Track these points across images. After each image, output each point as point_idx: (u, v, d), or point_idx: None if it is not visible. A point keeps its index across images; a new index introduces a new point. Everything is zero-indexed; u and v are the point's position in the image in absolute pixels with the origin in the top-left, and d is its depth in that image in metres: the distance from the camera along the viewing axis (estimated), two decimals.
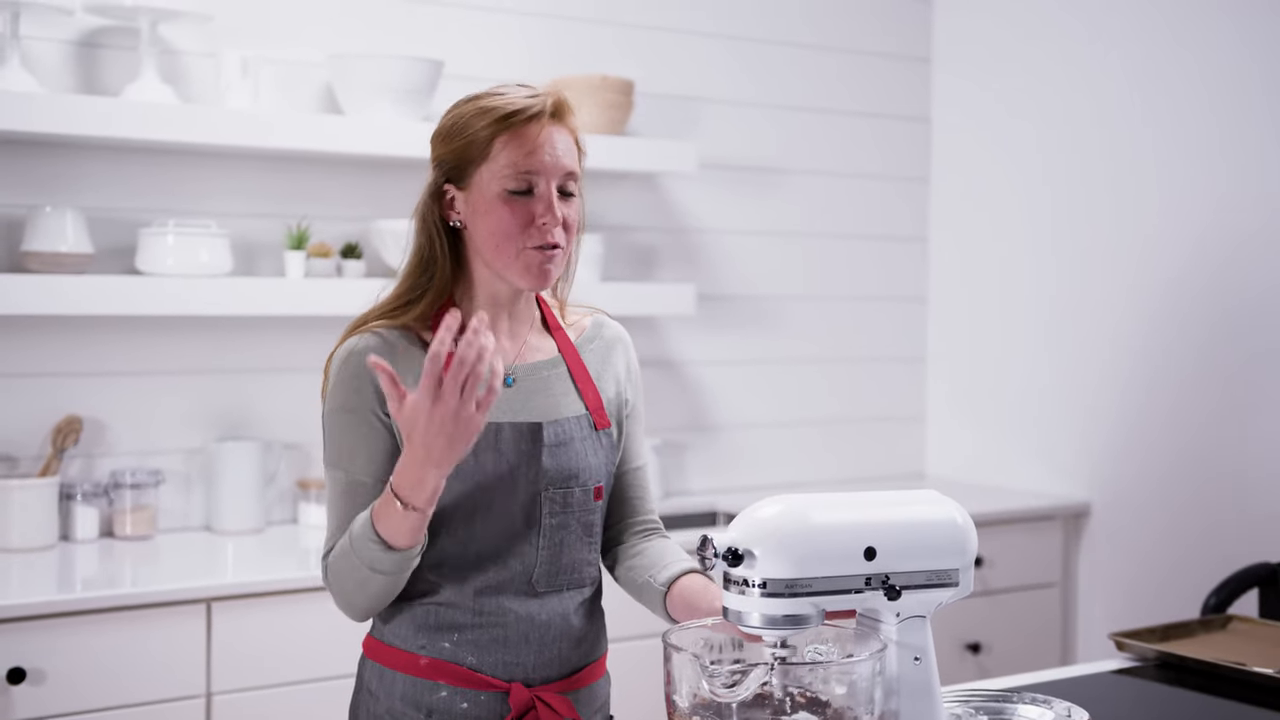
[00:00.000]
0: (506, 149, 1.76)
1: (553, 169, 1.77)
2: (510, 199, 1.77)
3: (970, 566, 1.62)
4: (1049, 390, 3.94)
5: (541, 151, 1.76)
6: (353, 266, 3.26)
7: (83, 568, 2.84)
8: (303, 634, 2.75)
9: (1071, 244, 3.86)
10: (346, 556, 1.73)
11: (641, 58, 3.76)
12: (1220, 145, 3.50)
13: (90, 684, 2.57)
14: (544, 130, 1.77)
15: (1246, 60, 3.45)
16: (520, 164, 1.76)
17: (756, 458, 3.99)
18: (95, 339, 3.10)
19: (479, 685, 1.78)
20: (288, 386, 3.30)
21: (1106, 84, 3.76)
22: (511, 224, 1.77)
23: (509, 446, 1.78)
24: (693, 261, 3.88)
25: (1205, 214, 3.53)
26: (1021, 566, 3.73)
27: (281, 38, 3.29)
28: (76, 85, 3.07)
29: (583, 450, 1.83)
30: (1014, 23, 4.02)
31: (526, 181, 1.77)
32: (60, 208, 2.94)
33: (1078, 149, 3.84)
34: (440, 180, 1.83)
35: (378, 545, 1.69)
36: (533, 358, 1.87)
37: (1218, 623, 2.44)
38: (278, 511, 3.29)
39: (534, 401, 1.83)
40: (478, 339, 1.59)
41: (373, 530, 1.69)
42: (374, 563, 1.70)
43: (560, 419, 1.83)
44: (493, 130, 1.76)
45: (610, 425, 1.88)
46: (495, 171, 1.77)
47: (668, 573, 1.85)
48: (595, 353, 1.93)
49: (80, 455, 3.08)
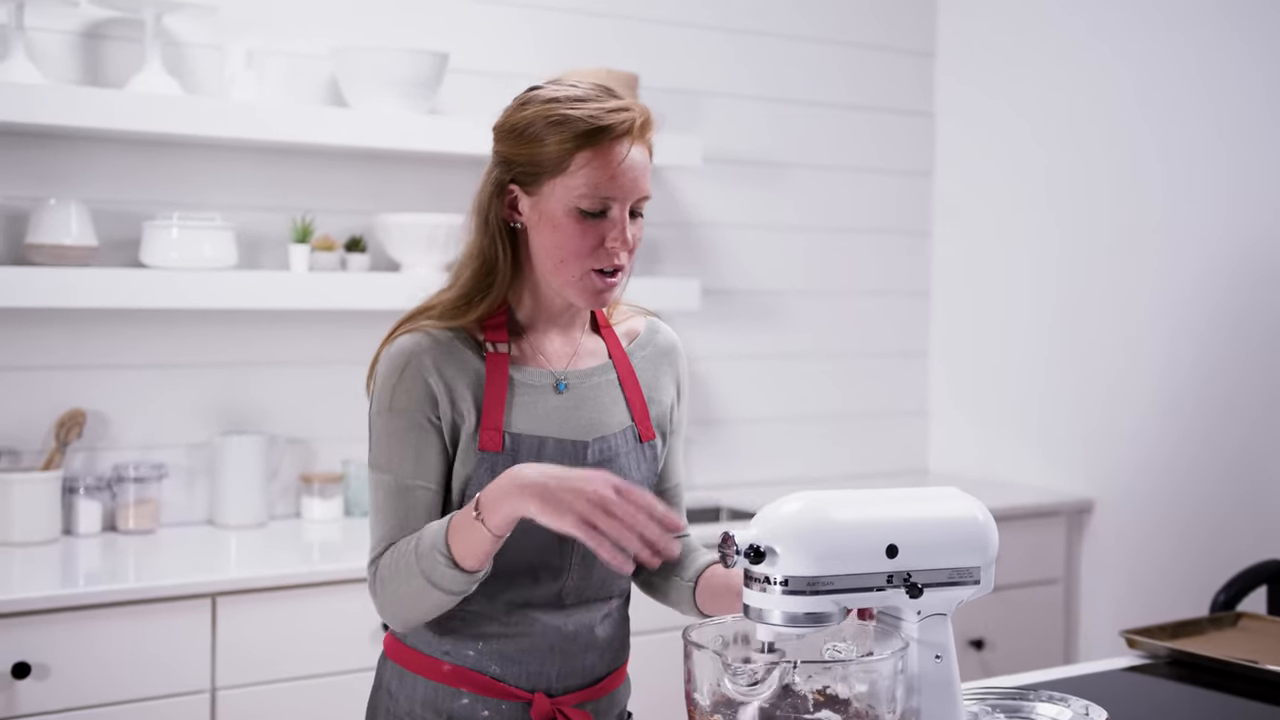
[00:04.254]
0: (587, 168, 1.68)
1: (630, 193, 1.71)
2: (582, 218, 1.69)
3: (991, 564, 1.62)
4: (1052, 385, 3.93)
5: (623, 176, 1.69)
6: (357, 260, 3.25)
7: (86, 562, 2.83)
8: (307, 629, 2.74)
9: (1074, 239, 3.86)
10: (406, 566, 1.66)
11: (646, 51, 3.74)
12: (1225, 141, 3.49)
13: (94, 679, 2.55)
14: (627, 151, 1.69)
15: (1251, 56, 3.44)
16: (600, 187, 1.68)
17: (760, 452, 3.98)
18: (99, 332, 3.08)
19: (501, 694, 1.76)
20: (292, 380, 3.29)
21: (1110, 79, 3.76)
22: (581, 245, 1.70)
23: (552, 462, 1.73)
24: (697, 256, 3.87)
25: (1210, 208, 3.52)
26: (1025, 563, 3.73)
27: (286, 30, 3.27)
28: (81, 77, 3.05)
29: (626, 465, 1.79)
30: (1018, 18, 4.01)
31: (603, 204, 1.69)
32: (64, 200, 2.93)
33: (1080, 143, 3.84)
34: (505, 179, 1.75)
35: (445, 561, 1.63)
36: (585, 363, 1.82)
37: (1228, 620, 2.44)
38: (281, 506, 3.28)
39: (582, 412, 1.78)
40: (668, 549, 1.55)
41: (445, 544, 1.63)
42: (438, 579, 1.64)
43: (606, 435, 1.78)
44: (574, 145, 1.67)
45: (655, 437, 1.84)
46: (572, 188, 1.69)
47: (693, 569, 1.84)
48: (647, 360, 1.88)
49: (83, 449, 3.07)
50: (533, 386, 1.77)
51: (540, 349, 1.80)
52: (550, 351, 1.80)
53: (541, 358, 1.79)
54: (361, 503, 3.29)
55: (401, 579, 1.67)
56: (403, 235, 3.21)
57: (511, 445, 1.73)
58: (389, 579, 1.69)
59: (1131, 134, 3.71)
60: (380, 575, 1.71)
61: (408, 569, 1.66)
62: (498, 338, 1.77)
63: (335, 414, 3.32)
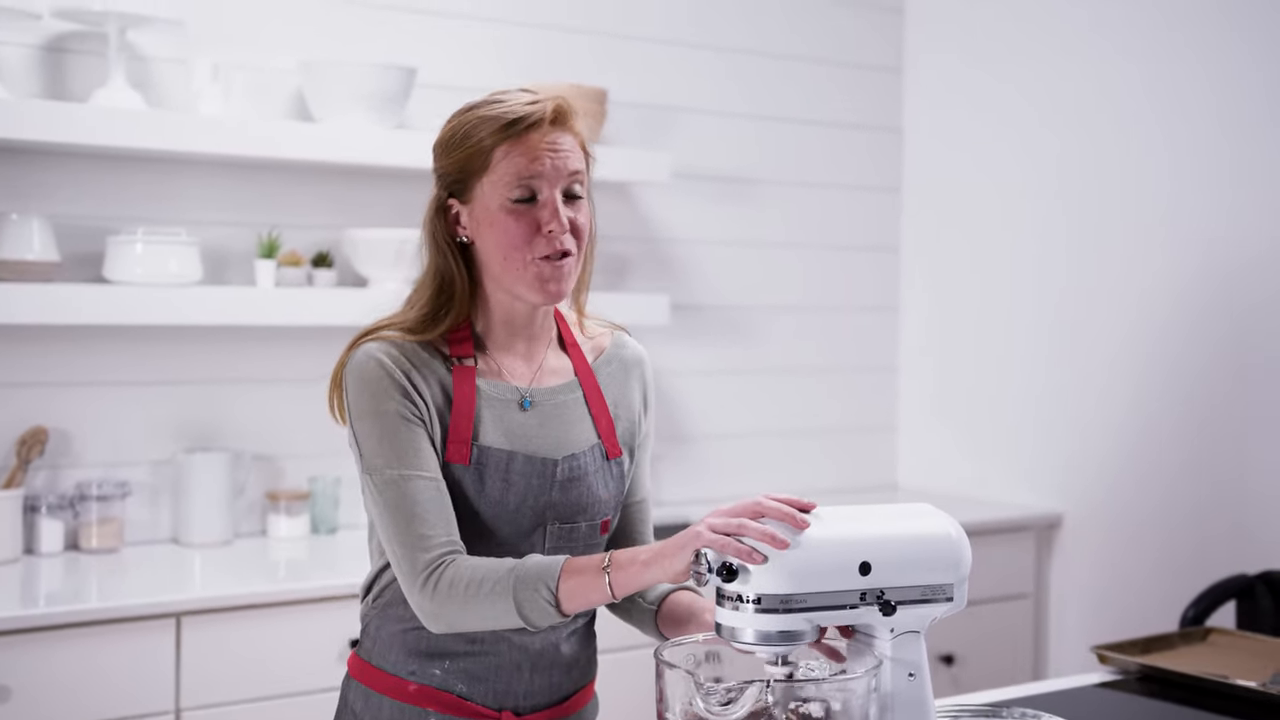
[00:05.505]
0: (507, 159, 1.70)
1: (555, 173, 1.71)
2: (514, 208, 1.71)
3: (964, 581, 1.61)
4: (1021, 400, 3.94)
5: (543, 157, 1.70)
6: (324, 275, 3.22)
7: (48, 582, 2.79)
8: (273, 648, 2.71)
9: (1041, 254, 3.87)
10: (496, 585, 1.60)
11: (615, 67, 3.74)
12: (1197, 155, 3.51)
13: (56, 701, 2.52)
14: (545, 136, 1.71)
15: (1242, 66, 3.46)
16: (522, 171, 1.70)
17: (730, 468, 3.97)
18: (62, 348, 3.05)
19: (468, 714, 1.74)
20: (258, 397, 3.26)
21: (1075, 94, 3.77)
22: (517, 234, 1.70)
23: (519, 478, 1.72)
24: (666, 271, 3.86)
25: (1182, 223, 3.54)
26: (994, 578, 3.73)
27: (252, 44, 3.25)
28: (44, 91, 3.02)
29: (594, 484, 1.77)
30: (985, 33, 4.02)
31: (529, 189, 1.70)
32: (26, 215, 2.89)
33: (1047, 158, 3.85)
34: (443, 195, 1.77)
35: (548, 598, 1.59)
36: (549, 380, 1.80)
37: (1197, 635, 2.44)
38: (246, 524, 3.25)
39: (549, 430, 1.76)
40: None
41: (555, 583, 1.59)
42: (530, 609, 1.59)
43: (574, 452, 1.76)
44: (493, 141, 1.70)
45: (622, 454, 1.82)
46: (496, 182, 1.71)
47: (657, 590, 1.82)
48: (613, 376, 1.86)
49: (45, 466, 3.03)
50: (500, 400, 1.75)
51: (504, 366, 1.78)
52: (514, 369, 1.79)
53: (506, 374, 1.78)
54: (329, 520, 3.26)
55: (485, 598, 1.61)
56: (370, 251, 3.19)
57: (479, 459, 1.71)
58: (464, 589, 1.62)
59: (1103, 148, 3.72)
60: (450, 580, 1.63)
61: (497, 589, 1.60)
62: (463, 352, 1.75)
63: (302, 430, 3.29)
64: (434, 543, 1.65)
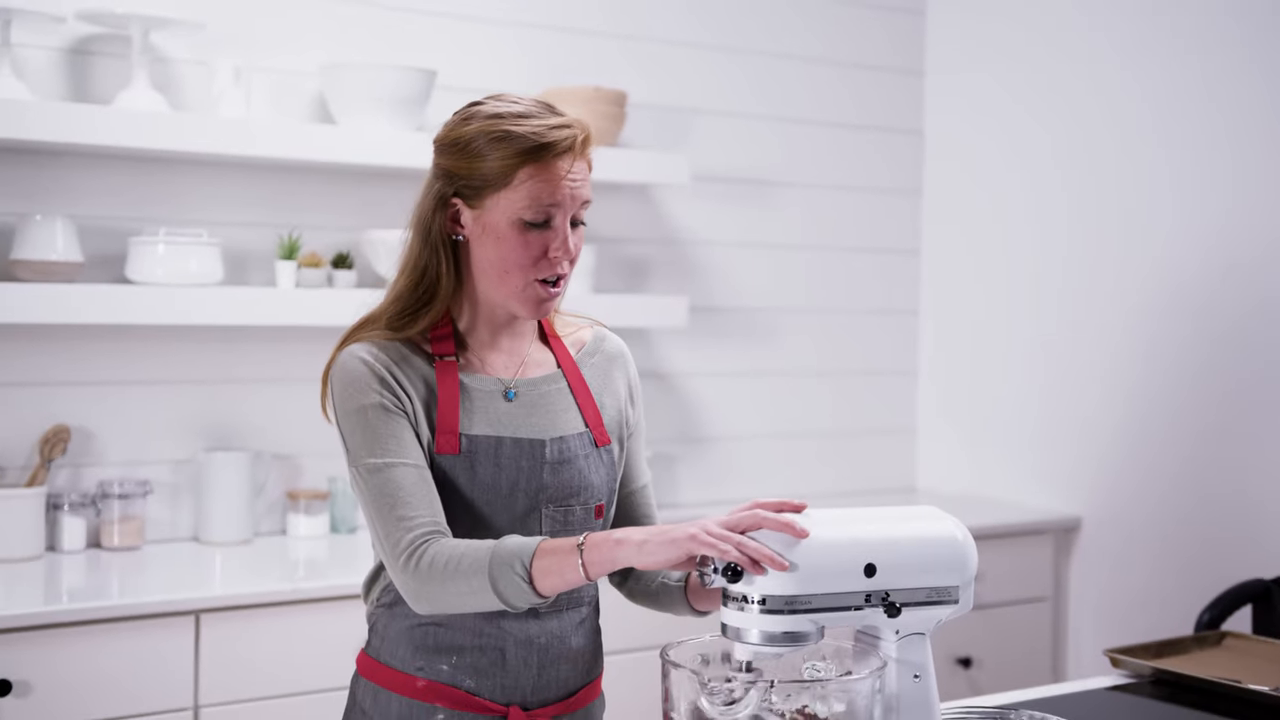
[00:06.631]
0: (530, 182, 1.71)
1: (571, 202, 1.73)
2: (525, 229, 1.72)
3: (970, 584, 1.62)
4: (1040, 404, 3.93)
5: (564, 187, 1.72)
6: (344, 276, 3.25)
7: (70, 579, 2.82)
8: (291, 646, 2.73)
9: (1063, 258, 3.86)
10: (474, 563, 1.62)
11: (634, 69, 3.75)
12: (1219, 161, 3.50)
13: (77, 696, 2.54)
14: (569, 166, 1.72)
15: (1245, 72, 3.45)
16: (543, 198, 1.71)
17: (748, 470, 3.98)
18: (84, 348, 3.08)
19: (476, 709, 1.75)
20: (278, 397, 3.28)
21: (1099, 97, 3.76)
22: (524, 256, 1.72)
23: (509, 462, 1.75)
24: (685, 273, 3.87)
25: (1203, 230, 3.53)
26: (1012, 581, 3.73)
27: (274, 46, 3.27)
28: (67, 93, 3.05)
29: (585, 468, 1.80)
30: (1007, 35, 4.02)
31: (546, 214, 1.72)
32: (50, 216, 2.92)
33: (1069, 161, 3.85)
34: (447, 192, 1.77)
35: (522, 577, 1.60)
36: (533, 372, 1.84)
37: (1212, 639, 2.44)
38: (266, 523, 3.27)
39: (535, 417, 1.79)
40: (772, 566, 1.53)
41: (529, 560, 1.60)
42: (505, 587, 1.61)
43: (562, 435, 1.79)
44: (518, 161, 1.70)
45: (611, 442, 1.85)
46: (514, 201, 1.71)
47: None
48: (596, 368, 1.89)
49: (68, 465, 3.06)
50: (484, 392, 1.78)
51: (486, 360, 1.81)
52: (496, 363, 1.82)
53: (489, 368, 1.81)
54: (348, 519, 3.28)
55: (463, 576, 1.62)
56: (390, 252, 3.21)
57: (469, 448, 1.74)
58: (443, 566, 1.63)
59: (1120, 151, 3.72)
60: (430, 558, 1.64)
61: (474, 566, 1.62)
62: (444, 349, 1.78)
63: (321, 430, 3.30)
64: (416, 523, 1.67)
